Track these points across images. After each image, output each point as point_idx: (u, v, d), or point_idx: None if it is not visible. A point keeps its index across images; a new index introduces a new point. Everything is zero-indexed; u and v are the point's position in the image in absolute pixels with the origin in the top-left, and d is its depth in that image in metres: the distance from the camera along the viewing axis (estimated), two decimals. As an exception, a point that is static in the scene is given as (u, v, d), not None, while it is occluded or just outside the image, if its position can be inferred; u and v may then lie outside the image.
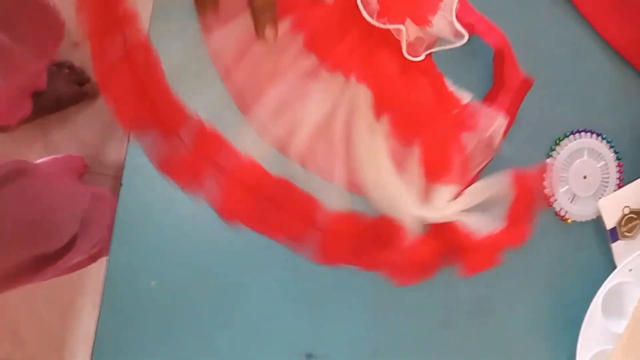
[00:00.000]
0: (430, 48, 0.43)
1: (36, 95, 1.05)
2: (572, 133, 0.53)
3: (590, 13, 0.51)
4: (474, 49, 0.49)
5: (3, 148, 1.16)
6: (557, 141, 0.53)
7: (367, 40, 0.42)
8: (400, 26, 0.41)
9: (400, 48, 0.42)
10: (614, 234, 0.53)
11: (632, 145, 0.54)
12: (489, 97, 0.50)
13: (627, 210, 0.53)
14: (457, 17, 0.41)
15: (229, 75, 0.45)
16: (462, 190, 0.46)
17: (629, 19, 0.52)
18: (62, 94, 1.14)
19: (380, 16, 0.41)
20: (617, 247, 0.53)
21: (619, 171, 0.54)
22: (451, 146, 0.46)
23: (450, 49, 0.43)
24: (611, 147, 0.53)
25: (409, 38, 0.42)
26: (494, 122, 0.46)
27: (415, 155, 0.45)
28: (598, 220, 0.54)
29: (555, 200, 0.52)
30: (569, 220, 0.53)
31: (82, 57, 1.14)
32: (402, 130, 0.45)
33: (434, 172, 0.45)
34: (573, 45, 0.52)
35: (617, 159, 0.54)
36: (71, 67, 1.14)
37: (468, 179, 0.47)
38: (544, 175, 0.52)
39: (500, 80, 0.49)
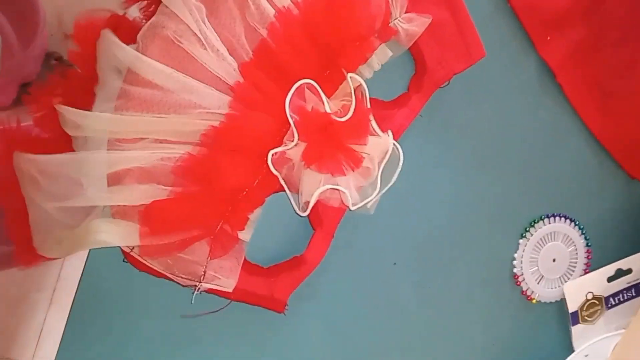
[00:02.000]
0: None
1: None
2: (547, 217, 0.55)
3: (577, 100, 0.53)
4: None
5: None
6: (532, 223, 0.55)
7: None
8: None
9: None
10: (574, 318, 0.56)
11: (603, 233, 0.57)
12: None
13: (590, 296, 0.56)
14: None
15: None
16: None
17: (616, 112, 0.54)
18: (45, 85, 1.14)
19: None
20: (576, 330, 0.56)
21: (587, 257, 0.56)
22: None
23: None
24: (582, 233, 0.56)
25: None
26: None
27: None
28: (561, 303, 0.56)
29: (524, 280, 0.54)
30: (534, 301, 0.55)
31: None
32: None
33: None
34: (556, 129, 0.55)
35: (587, 245, 0.56)
36: (59, 59, 1.13)
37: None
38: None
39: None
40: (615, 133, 0.54)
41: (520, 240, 0.55)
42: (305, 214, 0.42)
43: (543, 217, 0.55)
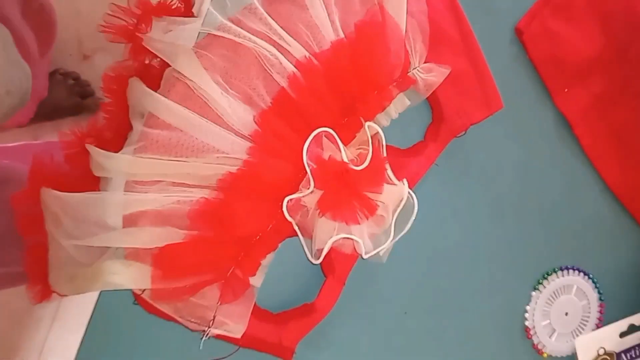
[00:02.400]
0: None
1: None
2: (561, 269, 0.54)
3: (595, 155, 0.53)
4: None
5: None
6: (545, 275, 0.54)
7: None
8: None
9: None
10: (586, 373, 0.55)
11: (617, 287, 0.56)
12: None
13: (601, 351, 0.55)
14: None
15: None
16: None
17: (634, 167, 0.54)
18: (62, 103, 1.15)
19: None
20: (587, 386, 0.55)
21: (600, 311, 0.56)
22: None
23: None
24: (596, 287, 0.55)
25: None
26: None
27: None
28: (572, 358, 0.55)
29: (535, 333, 0.54)
30: (545, 355, 0.55)
31: (89, 70, 1.15)
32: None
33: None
34: (572, 181, 0.54)
35: (600, 299, 0.55)
36: (77, 79, 1.15)
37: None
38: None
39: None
40: (632, 187, 0.54)
41: (533, 293, 0.54)
42: (317, 262, 0.42)
43: (557, 269, 0.54)
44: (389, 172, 0.44)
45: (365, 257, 0.43)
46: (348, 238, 0.42)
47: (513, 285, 0.53)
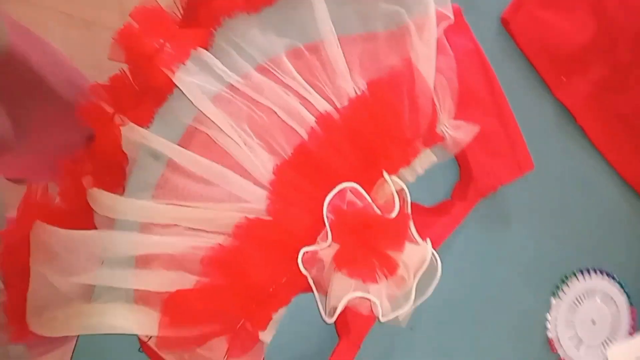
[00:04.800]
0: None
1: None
2: (581, 272, 0.50)
3: (603, 145, 0.51)
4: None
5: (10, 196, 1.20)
6: (564, 279, 0.50)
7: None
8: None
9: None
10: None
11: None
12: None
13: (639, 361, 0.51)
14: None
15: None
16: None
17: None
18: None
19: None
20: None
21: (632, 318, 0.51)
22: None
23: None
24: (623, 290, 0.50)
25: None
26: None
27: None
28: (606, 371, 0.51)
29: (560, 346, 0.51)
30: (575, 370, 0.51)
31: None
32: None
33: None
34: (584, 177, 0.51)
35: (630, 303, 0.51)
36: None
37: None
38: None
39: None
40: None
41: (553, 300, 0.50)
42: (331, 321, 0.42)
43: (576, 272, 0.50)
44: (413, 230, 0.44)
45: (382, 320, 0.43)
46: (365, 298, 0.42)
47: (529, 293, 0.50)
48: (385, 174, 0.44)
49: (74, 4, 1.09)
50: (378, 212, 0.42)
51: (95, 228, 0.44)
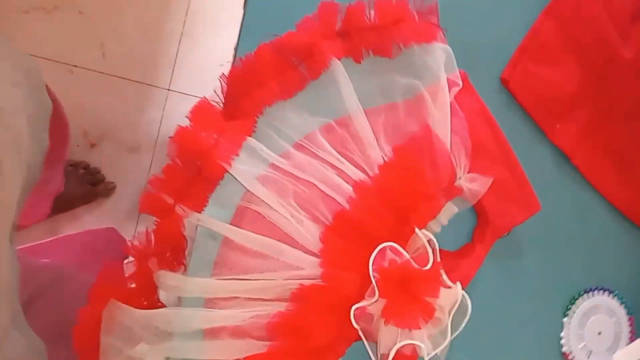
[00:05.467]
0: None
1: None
2: (586, 292, 0.58)
3: (595, 179, 0.59)
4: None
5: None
6: (573, 300, 0.58)
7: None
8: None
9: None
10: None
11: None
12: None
13: (640, 362, 0.59)
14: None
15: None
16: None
17: (628, 178, 0.59)
18: (75, 194, 1.20)
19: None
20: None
21: (631, 324, 0.59)
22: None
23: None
24: (622, 302, 0.59)
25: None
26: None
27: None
28: (613, 374, 0.59)
29: (574, 357, 0.58)
30: (586, 375, 0.59)
31: (97, 157, 1.21)
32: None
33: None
34: (581, 209, 0.59)
35: (628, 313, 0.59)
36: (87, 168, 1.21)
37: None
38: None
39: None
40: (635, 200, 0.59)
41: (565, 319, 0.58)
42: None
43: (582, 292, 0.58)
44: (444, 276, 0.50)
45: (426, 359, 0.49)
46: (411, 344, 0.48)
47: (544, 316, 0.58)
48: (417, 229, 0.49)
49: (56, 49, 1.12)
50: (416, 266, 0.48)
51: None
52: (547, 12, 0.56)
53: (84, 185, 1.22)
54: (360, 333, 0.48)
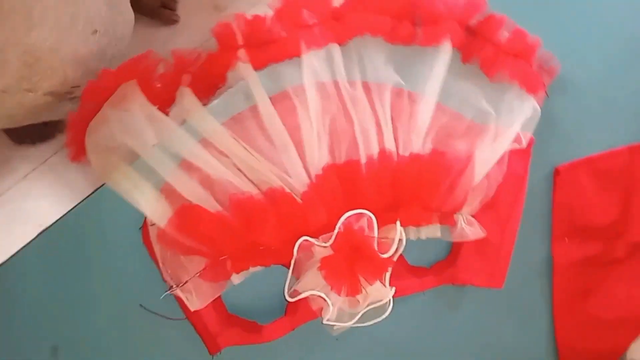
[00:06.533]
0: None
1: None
2: None
3: (560, 310, 0.60)
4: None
5: None
6: None
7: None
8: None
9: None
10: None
11: None
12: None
13: None
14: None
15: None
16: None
17: (588, 335, 0.60)
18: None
19: None
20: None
21: None
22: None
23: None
24: None
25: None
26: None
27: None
28: None
29: None
30: None
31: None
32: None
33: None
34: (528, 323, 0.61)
35: None
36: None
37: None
38: None
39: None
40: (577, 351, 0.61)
41: None
42: (289, 299, 0.50)
43: None
44: (388, 274, 0.52)
45: (323, 322, 0.51)
46: (323, 299, 0.51)
47: None
48: (398, 223, 0.52)
49: None
50: (375, 247, 0.50)
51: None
52: (636, 149, 0.58)
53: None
54: (292, 262, 0.51)
